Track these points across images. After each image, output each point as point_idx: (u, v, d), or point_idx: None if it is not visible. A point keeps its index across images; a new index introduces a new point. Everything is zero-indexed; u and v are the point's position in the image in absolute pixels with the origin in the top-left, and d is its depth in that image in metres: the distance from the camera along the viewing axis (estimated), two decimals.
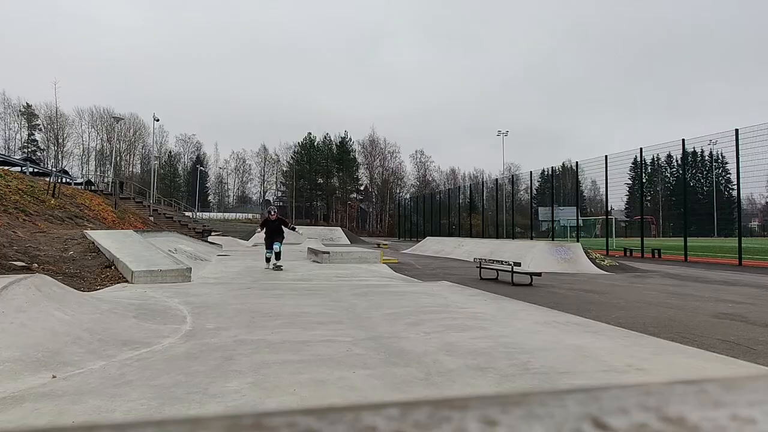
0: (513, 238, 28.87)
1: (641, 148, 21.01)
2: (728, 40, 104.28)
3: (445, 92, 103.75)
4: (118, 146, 62.62)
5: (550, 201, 29.12)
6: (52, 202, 15.87)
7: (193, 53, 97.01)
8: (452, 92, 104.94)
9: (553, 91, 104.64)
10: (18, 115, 61.02)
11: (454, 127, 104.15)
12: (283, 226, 11.14)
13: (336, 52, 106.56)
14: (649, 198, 58.62)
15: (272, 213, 11.28)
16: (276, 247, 10.65)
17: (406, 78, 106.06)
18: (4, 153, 46.84)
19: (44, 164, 51.58)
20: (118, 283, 7.29)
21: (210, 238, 24.07)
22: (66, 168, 50.11)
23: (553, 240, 23.08)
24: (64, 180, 26.43)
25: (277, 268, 10.37)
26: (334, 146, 72.98)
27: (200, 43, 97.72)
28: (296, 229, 12.15)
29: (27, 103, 61.09)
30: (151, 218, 26.86)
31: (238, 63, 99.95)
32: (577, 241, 21.17)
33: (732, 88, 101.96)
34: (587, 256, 13.52)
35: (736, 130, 16.06)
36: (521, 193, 42.15)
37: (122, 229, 15.78)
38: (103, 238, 9.68)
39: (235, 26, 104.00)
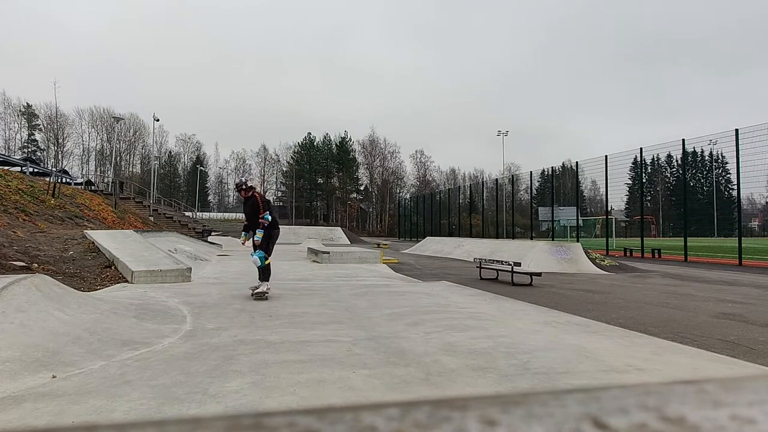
0: (513, 238, 28.87)
1: (641, 148, 21.01)
2: (731, 40, 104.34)
3: (445, 92, 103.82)
4: (118, 146, 62.57)
5: (550, 201, 29.12)
6: (52, 202, 15.87)
7: (193, 53, 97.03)
8: (452, 92, 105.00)
9: (552, 90, 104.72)
10: (18, 115, 61.03)
11: (454, 126, 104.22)
12: (262, 215, 6.41)
13: (337, 52, 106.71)
14: (649, 198, 58.64)
15: (242, 185, 6.57)
16: (254, 257, 6.44)
17: (405, 78, 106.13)
18: (4, 153, 46.82)
19: (44, 164, 51.52)
20: (118, 283, 7.29)
21: (210, 238, 24.05)
22: (66, 168, 50.11)
23: (553, 240, 23.08)
24: (64, 180, 26.41)
25: (259, 296, 6.13)
26: (334, 146, 72.92)
27: (201, 42, 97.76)
28: (263, 231, 6.46)
29: (27, 103, 61.12)
30: (151, 218, 26.85)
31: (238, 62, 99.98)
32: (577, 241, 21.18)
33: (735, 87, 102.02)
34: (587, 256, 13.52)
35: (736, 130, 16.07)
36: (521, 193, 42.20)
37: (122, 229, 15.77)
38: (103, 238, 9.68)
39: (236, 26, 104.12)
